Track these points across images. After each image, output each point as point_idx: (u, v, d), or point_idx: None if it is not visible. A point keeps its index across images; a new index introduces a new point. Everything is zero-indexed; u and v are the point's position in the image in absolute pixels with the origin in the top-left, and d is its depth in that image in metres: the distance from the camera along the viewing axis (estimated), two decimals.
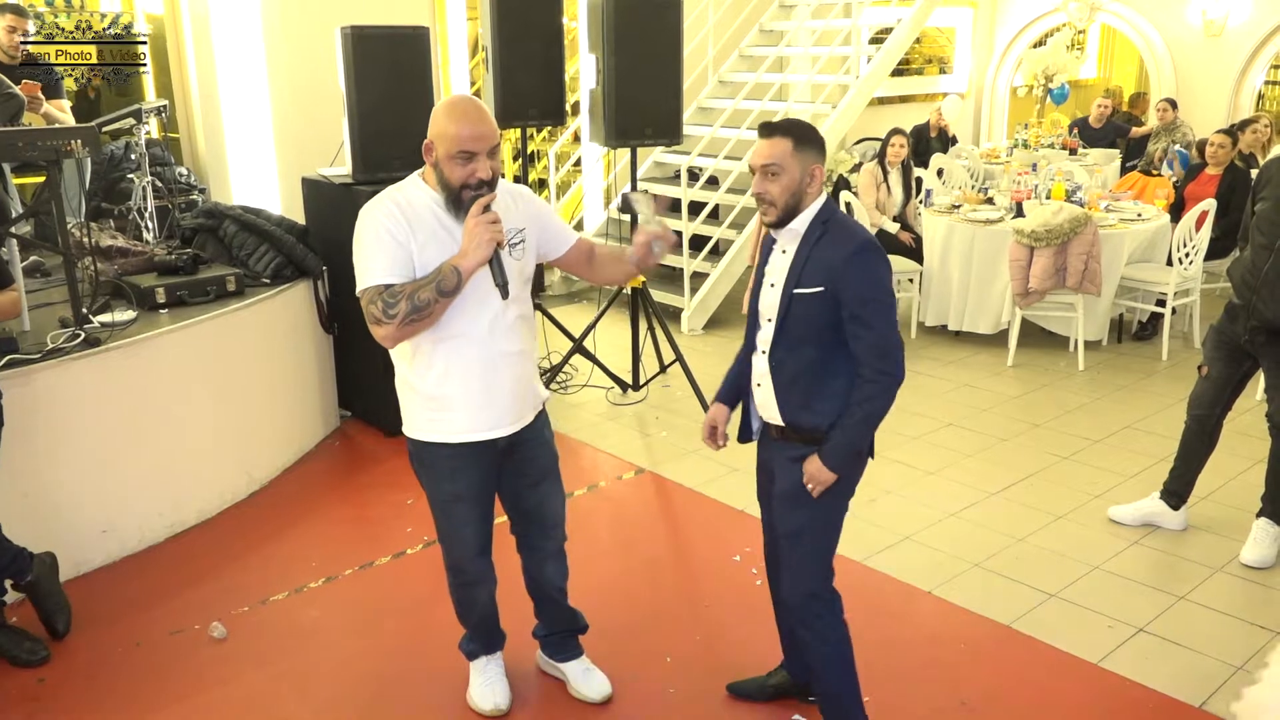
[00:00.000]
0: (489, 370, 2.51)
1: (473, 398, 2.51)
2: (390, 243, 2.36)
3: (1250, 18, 9.44)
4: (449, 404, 2.52)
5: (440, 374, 2.50)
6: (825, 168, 2.48)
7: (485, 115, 2.38)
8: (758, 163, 2.45)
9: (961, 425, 5.09)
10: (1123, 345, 6.43)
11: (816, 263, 2.41)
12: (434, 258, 2.38)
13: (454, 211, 2.40)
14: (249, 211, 4.88)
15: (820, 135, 2.51)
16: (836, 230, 2.45)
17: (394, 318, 2.32)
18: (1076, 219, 5.77)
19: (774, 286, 2.50)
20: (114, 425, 3.69)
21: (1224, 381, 3.75)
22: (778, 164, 2.41)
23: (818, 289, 2.41)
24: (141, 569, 3.73)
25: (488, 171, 2.35)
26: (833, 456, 2.45)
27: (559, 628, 3.00)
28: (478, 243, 2.31)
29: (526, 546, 2.86)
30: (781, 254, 2.50)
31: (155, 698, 2.99)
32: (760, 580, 2.87)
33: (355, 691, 3.00)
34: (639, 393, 5.53)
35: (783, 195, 2.42)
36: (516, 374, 2.57)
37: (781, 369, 2.49)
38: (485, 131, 2.35)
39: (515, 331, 2.54)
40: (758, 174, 2.46)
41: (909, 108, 10.25)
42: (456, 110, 2.35)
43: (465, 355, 2.48)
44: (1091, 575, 3.63)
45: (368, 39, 4.51)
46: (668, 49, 5.15)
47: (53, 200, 3.69)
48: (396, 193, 2.44)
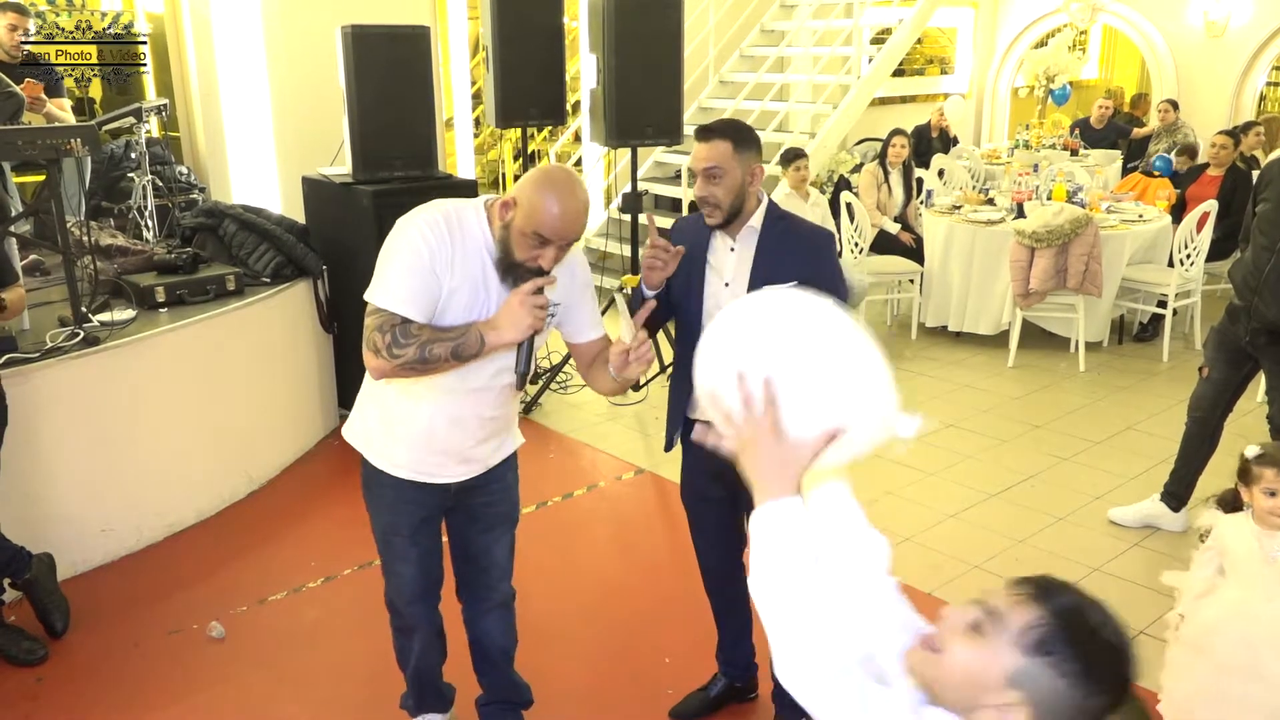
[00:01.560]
0: (455, 427, 2.29)
1: (424, 445, 2.31)
2: (426, 271, 2.08)
3: (1252, 19, 9.43)
4: (399, 440, 2.32)
5: (406, 411, 2.28)
6: (825, 168, 2.49)
7: (582, 213, 2.12)
8: (699, 166, 2.45)
9: (962, 426, 5.08)
10: (1123, 346, 6.42)
11: (787, 258, 2.43)
12: (460, 306, 2.13)
13: (500, 271, 2.14)
14: (249, 210, 4.87)
15: (756, 134, 2.52)
16: (800, 225, 2.51)
17: (396, 358, 2.05)
18: (1077, 220, 5.77)
19: (729, 285, 2.49)
20: (113, 424, 3.69)
21: (1225, 383, 3.74)
22: (720, 166, 2.42)
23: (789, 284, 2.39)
24: (140, 568, 3.73)
25: (550, 263, 2.11)
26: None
27: (498, 697, 2.72)
28: (516, 324, 2.05)
29: (468, 596, 2.60)
30: (730, 251, 2.50)
31: (153, 697, 2.99)
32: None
33: (354, 692, 3.00)
34: (638, 393, 5.52)
35: (727, 196, 2.44)
36: (484, 436, 2.35)
37: None
38: (573, 231, 2.10)
39: (500, 397, 2.32)
40: (700, 177, 2.45)
41: (910, 108, 10.24)
42: (562, 192, 2.06)
43: (438, 404, 2.25)
44: (1092, 577, 3.63)
45: (368, 38, 4.50)
46: (668, 49, 5.15)
47: (52, 199, 3.68)
48: (454, 215, 2.14)
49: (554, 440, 5.00)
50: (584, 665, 3.17)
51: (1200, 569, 2.56)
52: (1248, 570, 2.45)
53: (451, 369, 2.12)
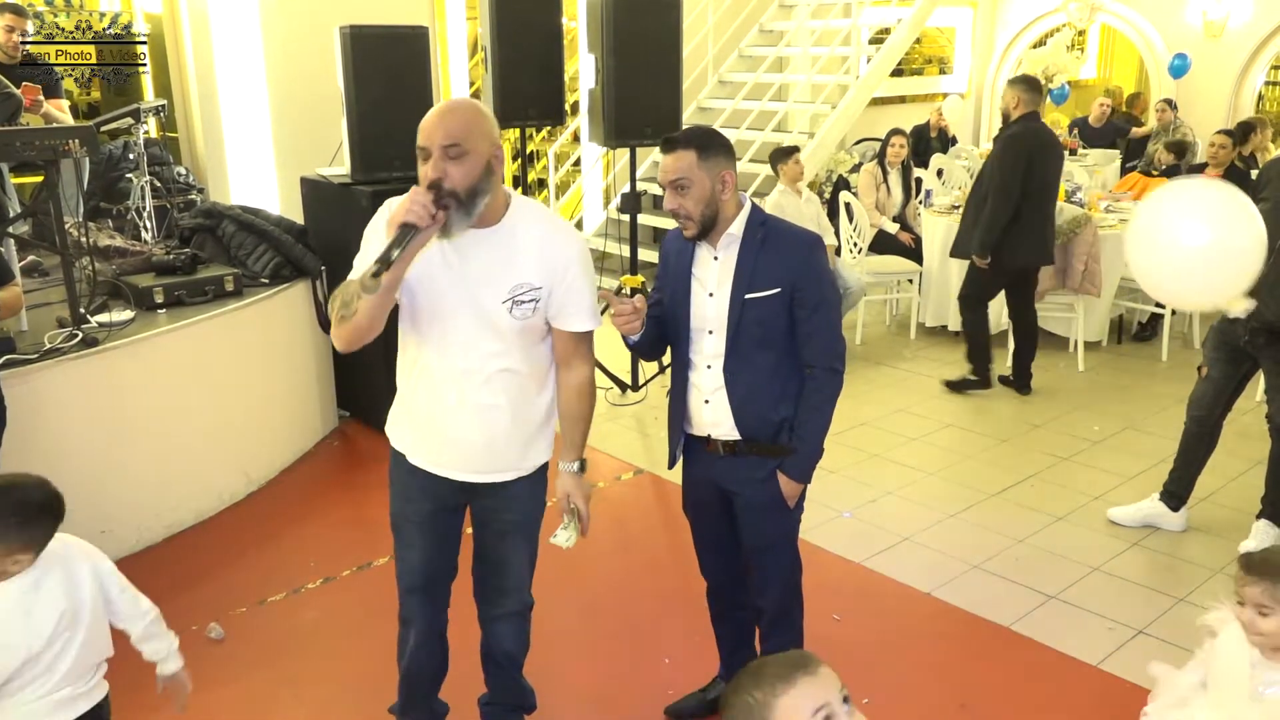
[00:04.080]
0: (448, 414, 2.26)
1: (423, 427, 2.33)
2: (373, 241, 2.15)
3: (1251, 18, 9.43)
4: (404, 421, 2.37)
5: (407, 391, 2.34)
6: (824, 167, 2.47)
7: (454, 111, 2.11)
8: (665, 179, 2.38)
9: (961, 426, 5.08)
10: (1122, 346, 6.42)
11: (769, 264, 2.37)
12: (425, 270, 2.16)
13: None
14: (247, 211, 4.87)
15: (725, 139, 2.43)
16: (781, 229, 2.45)
17: (331, 316, 2.15)
18: (1076, 219, 5.77)
19: (713, 296, 2.42)
20: (111, 425, 3.69)
21: (1224, 382, 3.74)
22: (686, 177, 2.34)
23: (773, 290, 2.37)
24: (139, 569, 3.66)
25: (435, 170, 2.04)
26: (802, 467, 2.46)
27: (501, 699, 2.69)
28: (404, 209, 1.99)
29: (481, 598, 2.56)
30: (714, 260, 2.43)
31: (153, 698, 2.97)
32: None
33: (353, 692, 2.99)
34: (638, 393, 5.52)
35: (698, 207, 2.36)
36: (485, 428, 2.27)
37: (736, 380, 2.42)
38: (435, 132, 2.06)
39: (494, 385, 2.24)
40: (668, 190, 2.38)
41: (909, 108, 10.24)
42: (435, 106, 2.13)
43: (428, 385, 2.27)
44: (1091, 577, 3.63)
45: (367, 39, 4.50)
46: (667, 49, 5.14)
47: (51, 200, 3.68)
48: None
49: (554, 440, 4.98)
50: (584, 665, 3.17)
51: (1189, 673, 2.19)
52: (1230, 697, 2.06)
53: (373, 309, 2.07)
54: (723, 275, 2.41)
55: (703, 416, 2.49)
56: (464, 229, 2.13)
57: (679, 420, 2.57)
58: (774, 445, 2.45)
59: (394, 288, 2.09)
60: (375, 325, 2.14)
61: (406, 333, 2.31)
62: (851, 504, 4.19)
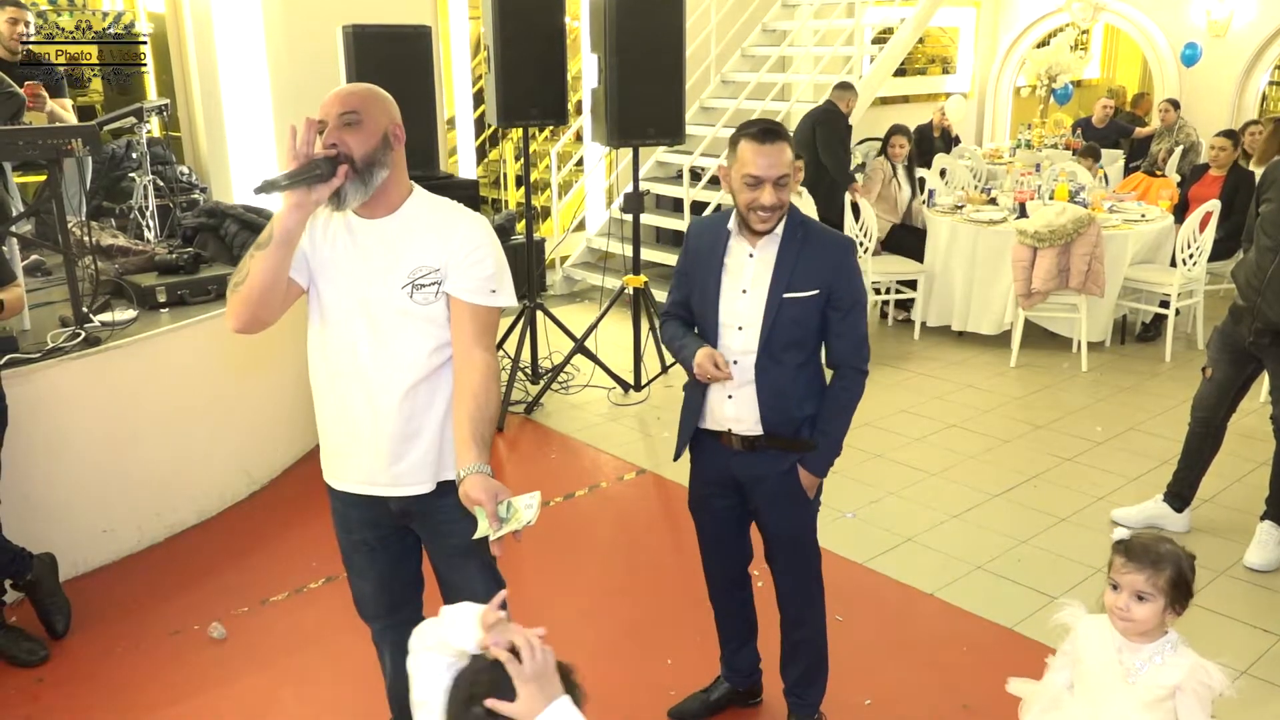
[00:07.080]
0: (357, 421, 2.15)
1: (336, 443, 2.21)
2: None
3: (1255, 18, 9.42)
4: (323, 438, 2.24)
5: (320, 399, 2.25)
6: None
7: (352, 89, 2.14)
8: (771, 174, 2.25)
9: (964, 426, 5.07)
10: (1126, 346, 6.41)
11: (809, 265, 2.36)
12: (326, 257, 2.14)
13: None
14: (250, 210, 4.86)
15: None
16: (818, 230, 2.44)
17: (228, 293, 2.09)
18: (1080, 219, 5.76)
19: (746, 293, 2.40)
20: (114, 425, 3.69)
21: (1228, 383, 3.73)
22: (789, 175, 2.28)
23: (812, 292, 2.36)
24: (141, 569, 3.72)
25: (331, 136, 2.05)
26: (824, 463, 2.48)
27: None
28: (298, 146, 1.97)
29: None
30: (749, 257, 2.40)
31: (154, 698, 2.99)
32: (762, 582, 2.85)
33: (354, 693, 2.99)
34: (640, 393, 5.52)
35: (785, 201, 2.34)
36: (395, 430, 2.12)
37: (766, 377, 2.40)
38: (330, 105, 2.07)
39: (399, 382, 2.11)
40: (769, 186, 2.26)
41: (912, 107, 10.23)
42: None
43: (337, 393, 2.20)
44: (1095, 578, 3.61)
45: (369, 38, 4.50)
46: (670, 48, 5.14)
47: (53, 199, 3.68)
48: None
49: (555, 441, 4.99)
50: (585, 665, 3.14)
51: (1052, 674, 2.16)
52: (1100, 686, 2.01)
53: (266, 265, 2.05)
54: (759, 273, 2.39)
55: (724, 411, 2.47)
56: (358, 201, 2.07)
57: (693, 414, 2.54)
58: (796, 440, 2.45)
59: (286, 245, 2.04)
60: (267, 297, 2.08)
61: (311, 339, 2.27)
62: (854, 504, 4.19)
